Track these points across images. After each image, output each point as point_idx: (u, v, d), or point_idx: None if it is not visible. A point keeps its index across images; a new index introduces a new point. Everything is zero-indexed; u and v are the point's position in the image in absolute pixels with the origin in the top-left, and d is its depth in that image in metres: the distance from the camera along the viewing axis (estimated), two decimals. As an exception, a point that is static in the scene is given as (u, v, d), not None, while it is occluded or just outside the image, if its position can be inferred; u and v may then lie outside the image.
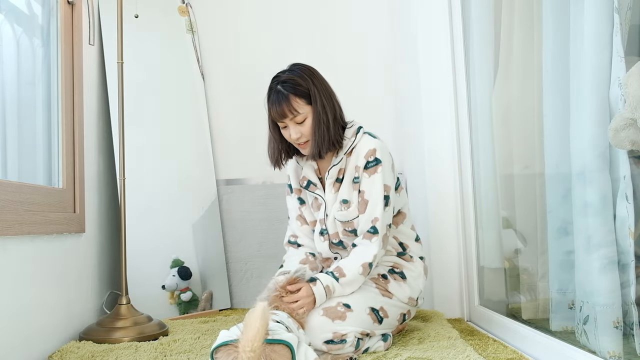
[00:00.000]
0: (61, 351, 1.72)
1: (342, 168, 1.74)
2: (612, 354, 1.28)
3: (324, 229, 1.78)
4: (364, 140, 1.72)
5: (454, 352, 1.56)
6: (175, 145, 2.58)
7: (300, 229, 1.87)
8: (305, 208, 1.86)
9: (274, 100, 1.68)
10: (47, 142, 1.95)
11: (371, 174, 1.69)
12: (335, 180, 1.75)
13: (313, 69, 1.74)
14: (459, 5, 2.18)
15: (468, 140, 2.14)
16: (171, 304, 2.40)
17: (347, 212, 1.72)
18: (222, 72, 2.79)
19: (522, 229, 1.91)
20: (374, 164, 1.68)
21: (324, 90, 1.71)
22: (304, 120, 1.68)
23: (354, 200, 1.72)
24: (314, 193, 1.81)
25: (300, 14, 2.81)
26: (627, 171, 1.27)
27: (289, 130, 1.70)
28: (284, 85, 1.68)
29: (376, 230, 1.66)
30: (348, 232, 1.74)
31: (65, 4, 2.01)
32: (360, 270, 1.64)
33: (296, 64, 1.74)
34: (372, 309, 1.66)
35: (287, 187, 1.91)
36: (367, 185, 1.69)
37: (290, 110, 1.66)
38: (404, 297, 1.74)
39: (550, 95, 1.57)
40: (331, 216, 1.76)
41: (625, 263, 1.28)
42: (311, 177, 1.80)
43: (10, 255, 1.55)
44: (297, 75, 1.69)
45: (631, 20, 1.30)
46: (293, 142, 1.72)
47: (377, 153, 1.69)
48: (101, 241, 2.28)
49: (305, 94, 1.68)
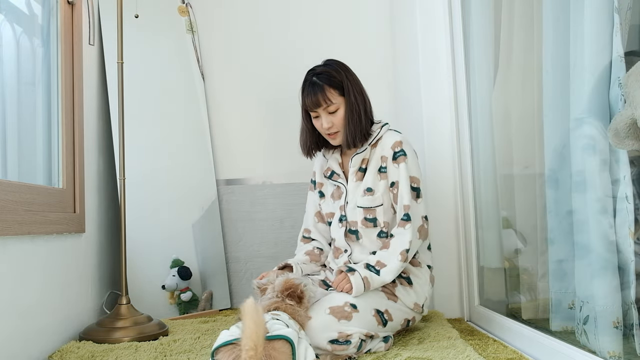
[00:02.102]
0: (61, 351, 1.72)
1: (365, 158, 1.83)
2: (612, 354, 1.28)
3: (344, 215, 1.84)
4: (389, 133, 1.82)
5: (454, 352, 1.56)
6: (175, 145, 2.58)
7: (315, 225, 1.96)
8: (324, 201, 1.94)
9: (309, 91, 1.78)
10: (47, 142, 1.95)
11: (399, 163, 1.78)
12: (358, 169, 1.83)
13: (346, 65, 1.85)
14: (459, 5, 2.18)
15: (468, 140, 2.14)
16: (171, 304, 2.40)
17: (372, 198, 1.79)
18: (222, 72, 2.79)
19: (522, 229, 1.91)
20: (401, 154, 1.78)
21: (356, 84, 1.82)
22: (336, 110, 1.78)
23: (380, 189, 1.79)
24: (336, 182, 1.88)
25: (300, 14, 2.80)
26: (627, 171, 1.27)
27: (321, 120, 1.79)
28: (319, 76, 1.78)
29: (409, 217, 1.74)
30: (367, 220, 1.79)
31: (65, 4, 2.01)
32: (400, 257, 1.70)
33: (330, 59, 1.85)
34: (377, 310, 1.67)
35: (311, 183, 2.00)
36: (397, 175, 1.78)
37: (324, 100, 1.76)
38: (410, 302, 1.75)
39: (550, 95, 1.57)
40: (352, 203, 1.82)
41: (625, 263, 1.28)
42: (335, 168, 1.90)
43: (10, 255, 1.55)
44: (332, 68, 1.80)
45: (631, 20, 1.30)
46: (324, 131, 1.81)
47: (403, 145, 1.79)
48: (101, 241, 2.28)
49: (339, 86, 1.78)
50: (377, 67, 2.76)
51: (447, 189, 2.21)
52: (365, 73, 2.74)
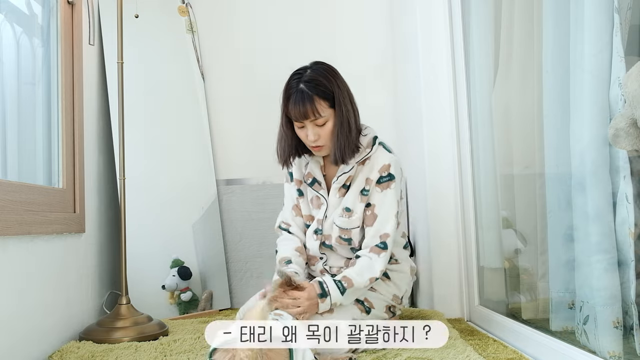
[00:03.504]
0: (61, 351, 1.72)
1: (351, 176, 1.72)
2: (612, 354, 1.27)
3: (320, 229, 1.78)
4: (379, 152, 1.71)
5: (454, 352, 1.56)
6: (175, 145, 2.58)
7: (294, 219, 1.85)
8: (303, 201, 1.84)
9: (297, 100, 1.61)
10: (47, 142, 1.95)
11: (383, 188, 1.69)
12: (342, 186, 1.74)
13: (335, 69, 1.70)
14: (459, 5, 2.18)
15: (468, 140, 2.14)
16: (171, 304, 2.40)
17: (349, 220, 1.72)
18: (222, 72, 2.79)
19: (522, 229, 1.91)
20: (387, 179, 1.69)
21: (347, 93, 1.68)
22: (324, 123, 1.64)
23: (358, 211, 1.71)
24: (317, 192, 1.79)
25: (300, 14, 2.80)
26: (627, 171, 1.27)
27: (307, 131, 1.65)
28: (307, 84, 1.62)
29: (386, 246, 1.67)
30: (343, 239, 1.75)
31: (65, 4, 2.01)
32: (367, 283, 1.65)
33: (318, 62, 1.70)
34: (357, 300, 1.69)
35: (288, 174, 1.87)
36: (378, 199, 1.69)
37: (313, 112, 1.61)
38: (388, 293, 1.77)
39: (550, 95, 1.57)
40: (330, 219, 1.76)
41: (625, 263, 1.28)
42: (317, 175, 1.78)
43: (10, 255, 1.55)
44: (321, 75, 1.64)
45: (631, 20, 1.30)
46: (309, 143, 1.68)
47: (392, 169, 1.69)
48: (101, 241, 2.28)
49: (329, 97, 1.63)
50: (376, 67, 2.76)
51: (447, 189, 2.21)
52: (365, 73, 2.77)
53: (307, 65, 1.69)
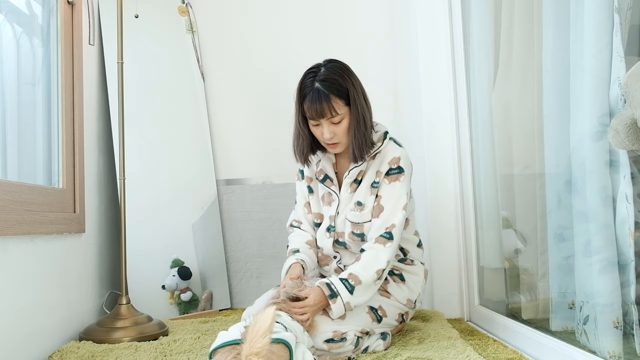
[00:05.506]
0: (61, 351, 1.72)
1: (362, 170, 1.73)
2: (612, 354, 1.28)
3: (332, 226, 1.77)
4: (389, 146, 1.73)
5: (454, 352, 1.56)
6: (175, 146, 2.58)
7: (306, 216, 1.86)
8: (313, 198, 1.84)
9: (313, 99, 1.63)
10: (47, 142, 1.95)
11: (392, 181, 1.69)
12: (353, 181, 1.74)
13: (348, 66, 1.71)
14: (459, 6, 2.18)
15: (468, 140, 2.14)
16: (171, 304, 2.40)
17: (361, 214, 1.71)
18: (222, 72, 2.79)
19: (522, 229, 1.91)
20: (397, 172, 1.70)
21: (361, 90, 1.70)
22: (340, 121, 1.66)
23: (369, 205, 1.71)
24: (328, 188, 1.79)
25: (300, 13, 2.80)
26: (627, 171, 1.27)
27: (322, 129, 1.67)
28: (323, 83, 1.63)
29: (392, 236, 1.66)
30: (355, 235, 1.73)
31: (65, 4, 2.01)
32: (375, 277, 1.62)
33: (331, 60, 1.71)
34: (371, 307, 1.67)
35: (299, 172, 1.88)
36: (386, 191, 1.69)
37: (330, 110, 1.63)
38: (402, 298, 1.75)
39: (550, 95, 1.57)
40: (342, 215, 1.75)
41: (625, 263, 1.28)
42: (328, 171, 1.79)
43: (10, 255, 1.55)
44: (336, 73, 1.65)
45: (631, 20, 1.30)
46: (324, 141, 1.70)
47: (401, 162, 1.70)
48: (101, 241, 2.28)
49: (345, 95, 1.65)
50: (376, 67, 2.76)
51: (447, 189, 2.21)
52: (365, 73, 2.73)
53: (320, 62, 1.70)
